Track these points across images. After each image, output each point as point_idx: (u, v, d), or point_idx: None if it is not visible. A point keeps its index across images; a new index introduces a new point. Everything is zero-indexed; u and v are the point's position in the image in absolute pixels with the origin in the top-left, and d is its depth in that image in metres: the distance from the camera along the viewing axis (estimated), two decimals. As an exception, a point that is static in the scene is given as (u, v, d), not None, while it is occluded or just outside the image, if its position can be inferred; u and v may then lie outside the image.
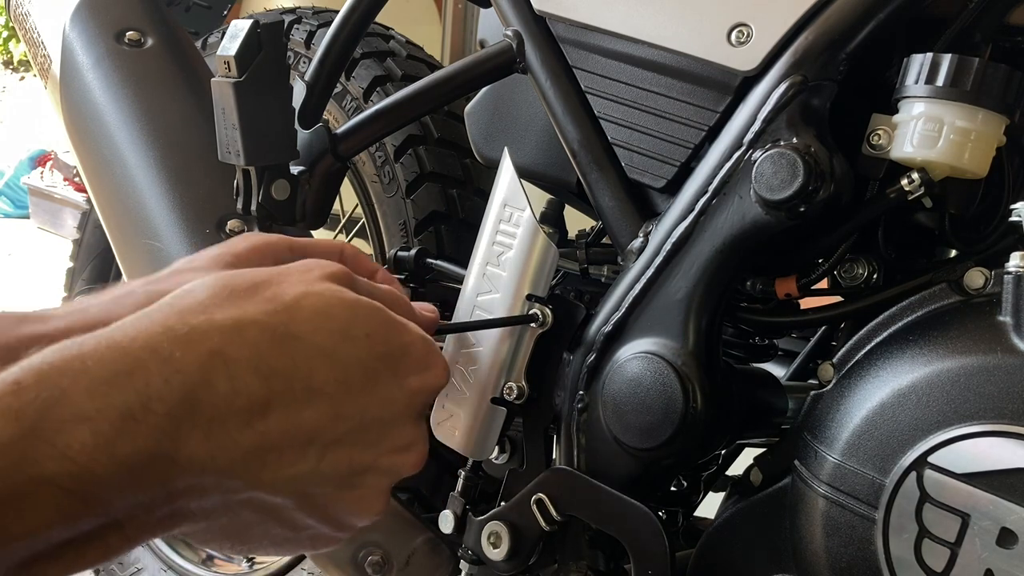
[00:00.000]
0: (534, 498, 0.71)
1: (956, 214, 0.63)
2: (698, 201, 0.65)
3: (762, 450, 0.71)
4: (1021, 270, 0.55)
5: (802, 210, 0.60)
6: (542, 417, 0.74)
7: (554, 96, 0.76)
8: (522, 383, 0.73)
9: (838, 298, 0.70)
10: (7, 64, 7.06)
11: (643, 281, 0.68)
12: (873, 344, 0.63)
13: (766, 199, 0.61)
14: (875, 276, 0.68)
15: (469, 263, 0.76)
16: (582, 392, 0.70)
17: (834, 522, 0.59)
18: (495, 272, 0.73)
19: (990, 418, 0.53)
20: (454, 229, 1.16)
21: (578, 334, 0.72)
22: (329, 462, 0.40)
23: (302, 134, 0.87)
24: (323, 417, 0.40)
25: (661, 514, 0.80)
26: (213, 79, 0.83)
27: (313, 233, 1.09)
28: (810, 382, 0.82)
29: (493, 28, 0.86)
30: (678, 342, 0.66)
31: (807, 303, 0.73)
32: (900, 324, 0.62)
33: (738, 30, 0.65)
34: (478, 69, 0.82)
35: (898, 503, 0.56)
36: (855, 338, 0.64)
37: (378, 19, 0.93)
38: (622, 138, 0.73)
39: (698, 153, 0.68)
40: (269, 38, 0.81)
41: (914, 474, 0.55)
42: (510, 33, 0.78)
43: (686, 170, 0.69)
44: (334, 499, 0.42)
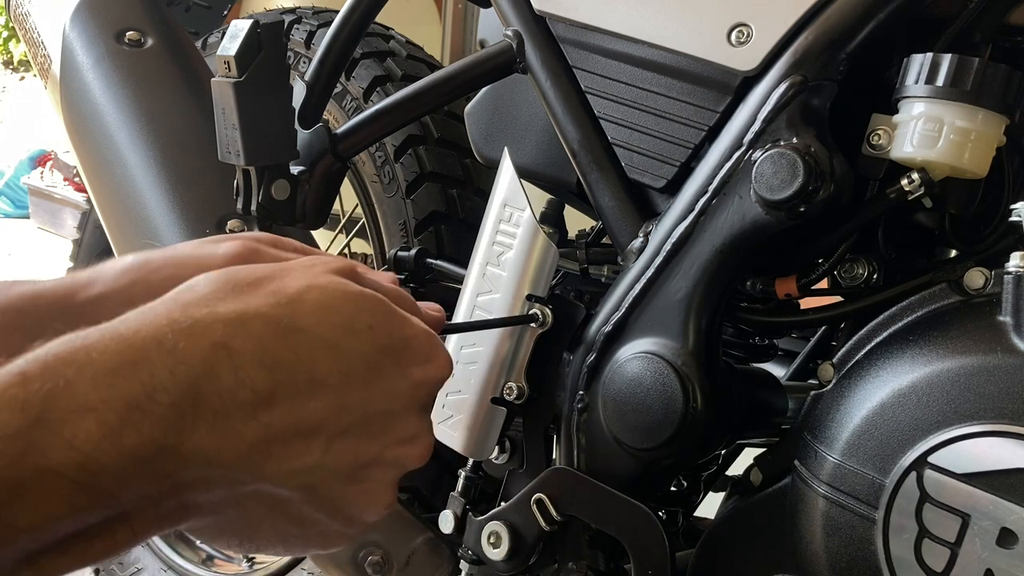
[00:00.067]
0: (534, 498, 0.71)
1: (956, 214, 0.63)
2: (698, 201, 0.65)
3: (762, 450, 0.71)
4: (1021, 270, 0.55)
5: (802, 210, 0.60)
6: (542, 417, 0.74)
7: (554, 96, 0.76)
8: (522, 383, 0.73)
9: (838, 298, 0.70)
10: (7, 64, 7.05)
11: (643, 281, 0.68)
12: (873, 344, 0.63)
13: (766, 199, 0.61)
14: (875, 276, 0.68)
15: (469, 263, 0.76)
16: (582, 392, 0.70)
17: (834, 522, 0.59)
18: (495, 272, 0.73)
19: (990, 418, 0.53)
20: (454, 229, 1.16)
21: (578, 334, 0.72)
22: (334, 454, 0.40)
23: (302, 134, 0.87)
24: (327, 409, 0.40)
25: (661, 514, 0.80)
26: (213, 79, 0.83)
27: (313, 233, 1.09)
28: (810, 382, 0.82)
29: (493, 28, 0.86)
30: (678, 342, 0.66)
31: (807, 303, 0.73)
32: (900, 324, 0.62)
33: (738, 30, 0.65)
34: (478, 69, 0.82)
35: (898, 503, 0.56)
36: (855, 338, 0.64)
37: (378, 19, 0.93)
38: (622, 138, 0.73)
39: (698, 153, 0.68)
40: (269, 38, 0.81)
41: (914, 474, 0.55)
42: (510, 33, 0.78)
43: (686, 170, 0.69)
44: (341, 493, 0.42)
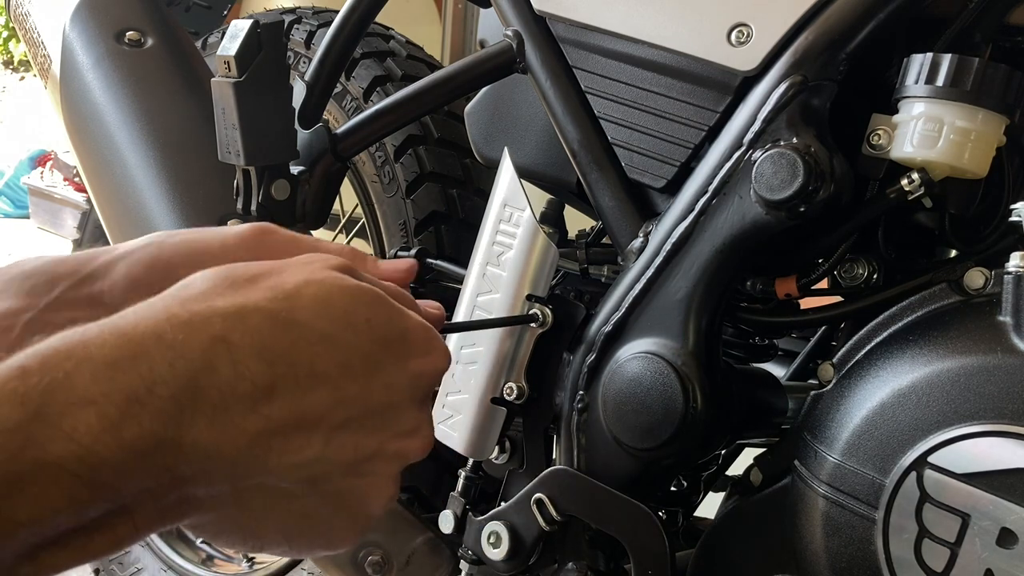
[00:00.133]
0: (534, 498, 0.71)
1: (956, 214, 0.63)
2: (698, 201, 0.65)
3: (762, 450, 0.71)
4: (1021, 270, 0.55)
5: (802, 210, 0.60)
6: (542, 417, 0.74)
7: (554, 96, 0.76)
8: (522, 383, 0.73)
9: (838, 298, 0.70)
10: (7, 64, 7.05)
11: (643, 281, 0.68)
12: (873, 344, 0.63)
13: (766, 199, 0.61)
14: (875, 276, 0.68)
15: (469, 263, 0.76)
16: (582, 392, 0.70)
17: (834, 522, 0.59)
18: (495, 272, 0.73)
19: (990, 418, 0.53)
20: (454, 229, 1.16)
21: (578, 334, 0.72)
22: (335, 447, 0.40)
23: (302, 134, 0.87)
24: (327, 402, 0.40)
25: (661, 514, 0.80)
26: (213, 79, 0.83)
27: (313, 233, 1.09)
28: (810, 382, 0.82)
29: (493, 28, 0.85)
30: (678, 342, 0.66)
31: (807, 303, 0.73)
32: (900, 324, 0.62)
33: (738, 30, 0.65)
34: (478, 69, 0.82)
35: (898, 503, 0.56)
36: (855, 338, 0.64)
37: (378, 19, 0.93)
38: (622, 138, 0.73)
39: (698, 153, 0.68)
40: (269, 38, 0.81)
41: (914, 474, 0.55)
42: (510, 33, 0.78)
43: (686, 170, 0.69)
44: (343, 486, 0.42)
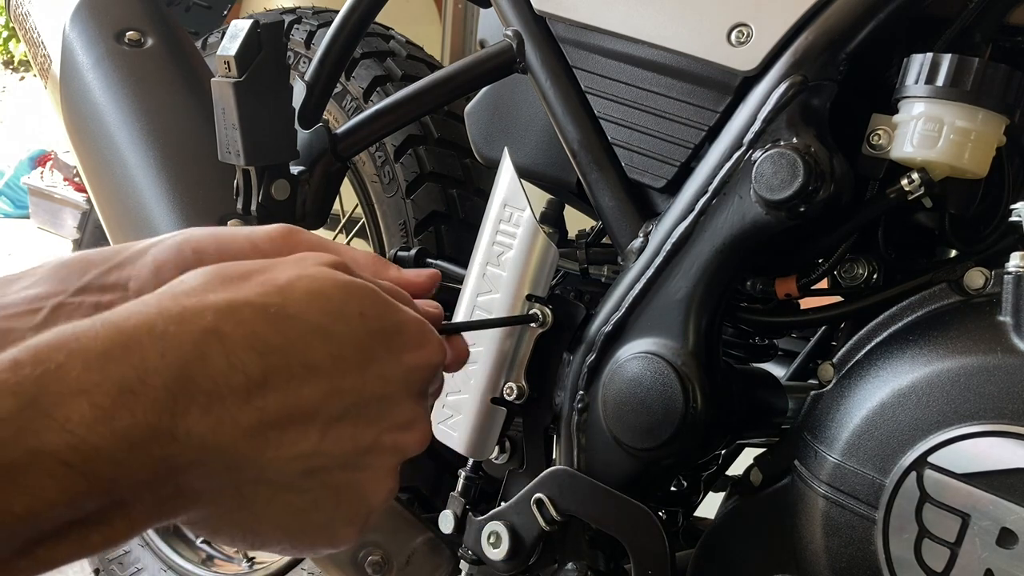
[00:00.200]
0: (534, 498, 0.71)
1: (956, 214, 0.63)
2: (698, 201, 0.65)
3: (762, 450, 0.71)
4: (1021, 270, 0.55)
5: (802, 210, 0.60)
6: (542, 417, 0.74)
7: (554, 96, 0.76)
8: (522, 383, 0.73)
9: (838, 298, 0.70)
10: (7, 64, 7.05)
11: (643, 281, 0.68)
12: (873, 344, 0.63)
13: (766, 199, 0.61)
14: (875, 276, 0.68)
15: (469, 263, 0.76)
16: (582, 392, 0.70)
17: (834, 522, 0.59)
18: (495, 272, 0.73)
19: (990, 418, 0.53)
20: (454, 229, 1.16)
21: (578, 334, 0.72)
22: (331, 440, 0.40)
23: (302, 134, 0.87)
24: (322, 394, 0.40)
25: (661, 514, 0.80)
26: (213, 79, 0.83)
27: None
28: (810, 382, 0.82)
29: (493, 28, 0.86)
30: (678, 342, 0.66)
31: (807, 303, 0.73)
32: (900, 324, 0.62)
33: (738, 30, 0.65)
34: (478, 69, 0.82)
35: (898, 503, 0.56)
36: (855, 338, 0.64)
37: (378, 19, 0.93)
38: (622, 138, 0.73)
39: (698, 153, 0.68)
40: (269, 38, 0.81)
41: (914, 474, 0.55)
42: (510, 33, 0.78)
43: (686, 170, 0.69)
44: (342, 480, 0.42)
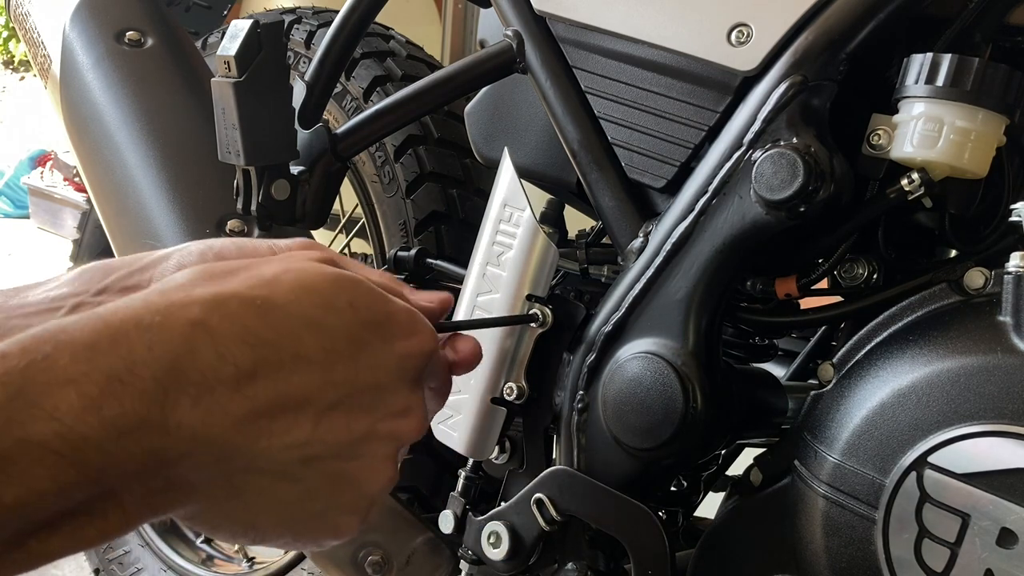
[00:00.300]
0: (534, 498, 0.71)
1: (956, 214, 0.63)
2: (698, 201, 0.65)
3: (762, 450, 0.71)
4: (1021, 270, 0.55)
5: (802, 210, 0.60)
6: (542, 417, 0.74)
7: (554, 96, 0.76)
8: (522, 383, 0.73)
9: (838, 298, 0.70)
10: (7, 64, 7.05)
11: (643, 281, 0.68)
12: (873, 344, 0.63)
13: (766, 199, 0.61)
14: (875, 276, 0.68)
15: (469, 263, 0.76)
16: (582, 392, 0.70)
17: (834, 522, 0.59)
18: (495, 272, 0.73)
19: (990, 418, 0.53)
20: (454, 229, 1.16)
21: (578, 334, 0.72)
22: (325, 428, 0.40)
23: (302, 134, 0.87)
24: (313, 382, 0.40)
25: (661, 514, 0.80)
26: (213, 79, 0.83)
27: (313, 233, 1.09)
28: (810, 382, 0.82)
29: (493, 28, 0.86)
30: (678, 342, 0.66)
31: (807, 303, 0.73)
32: (900, 324, 0.62)
33: (738, 30, 0.65)
34: (478, 69, 0.82)
35: (898, 503, 0.56)
36: (855, 338, 0.64)
37: (378, 19, 0.93)
38: (622, 138, 0.73)
39: (698, 153, 0.68)
40: (269, 38, 0.81)
41: (914, 474, 0.55)
42: (510, 33, 0.78)
43: (686, 170, 0.69)
44: (339, 469, 0.42)
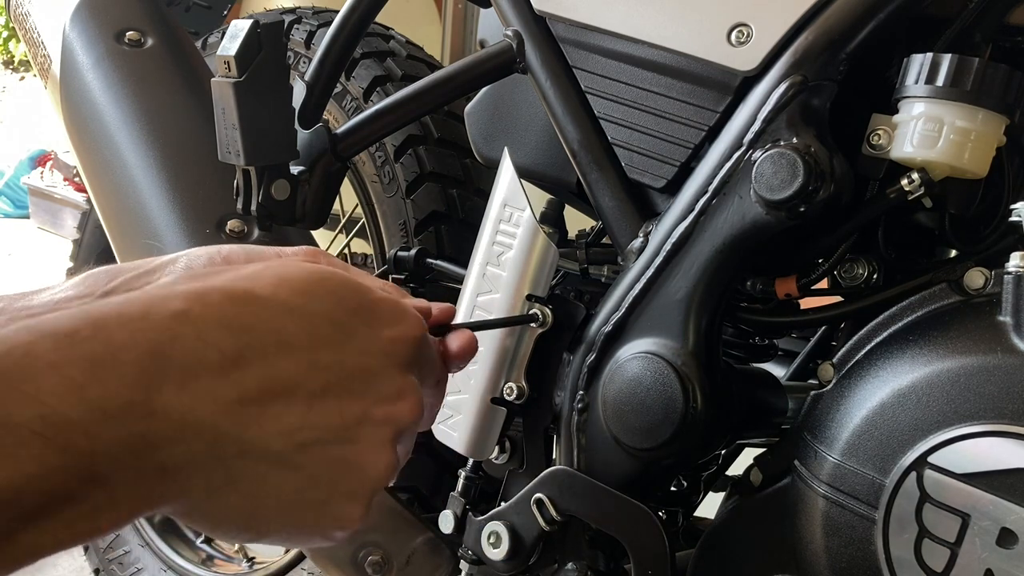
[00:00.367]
0: (534, 498, 0.71)
1: (956, 214, 0.63)
2: (698, 201, 0.65)
3: (762, 450, 0.71)
4: (1021, 270, 0.55)
5: (802, 210, 0.60)
6: (542, 417, 0.74)
7: (554, 96, 0.76)
8: (522, 383, 0.73)
9: (838, 298, 0.70)
10: (7, 64, 7.05)
11: (643, 281, 0.68)
12: (873, 344, 0.63)
13: (766, 199, 0.61)
14: (875, 276, 0.68)
15: (469, 263, 0.76)
16: (582, 392, 0.70)
17: (834, 522, 0.59)
18: (495, 272, 0.73)
19: (990, 418, 0.53)
20: (454, 229, 1.16)
21: (578, 334, 0.72)
22: (317, 413, 0.40)
23: (302, 134, 0.87)
24: (300, 368, 0.40)
25: (661, 514, 0.80)
26: (213, 79, 0.83)
27: (313, 233, 1.09)
28: (810, 382, 0.82)
29: (493, 28, 0.86)
30: (678, 342, 0.66)
31: (807, 303, 0.73)
32: (900, 324, 0.62)
33: (738, 30, 0.65)
34: (478, 69, 0.82)
35: (898, 503, 0.56)
36: (855, 338, 0.64)
37: (378, 19, 0.93)
38: (622, 138, 0.73)
39: (698, 153, 0.68)
40: (269, 38, 0.81)
41: (914, 474, 0.55)
42: (510, 33, 0.78)
43: (686, 170, 0.69)
44: (337, 454, 0.41)
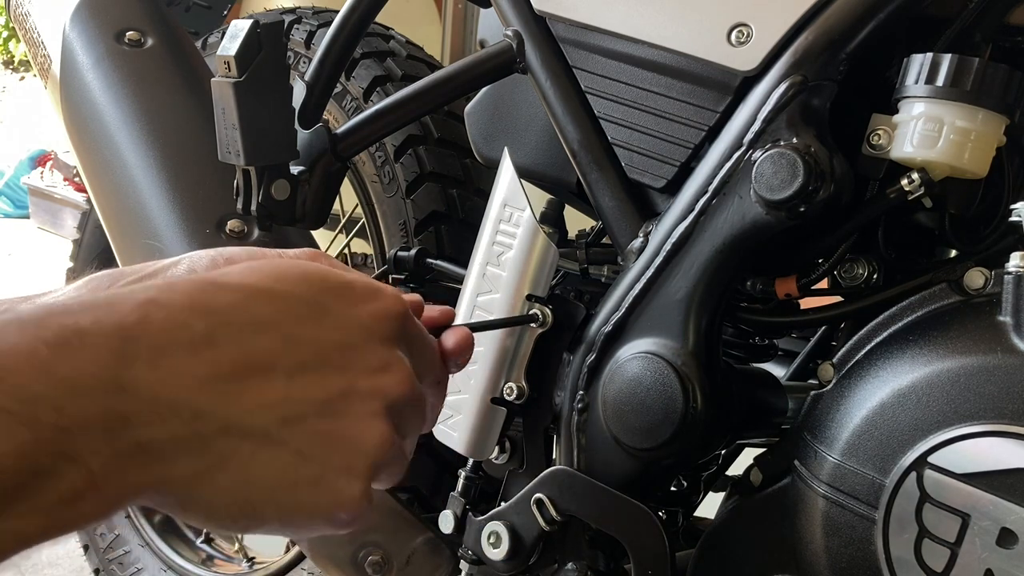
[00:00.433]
0: (534, 498, 0.71)
1: (956, 214, 0.63)
2: (698, 201, 0.65)
3: (762, 450, 0.71)
4: (1021, 270, 0.55)
5: (802, 210, 0.60)
6: (542, 417, 0.74)
7: (554, 96, 0.76)
8: (522, 383, 0.73)
9: (838, 298, 0.70)
10: (7, 64, 7.05)
11: (643, 281, 0.68)
12: (873, 344, 0.63)
13: (766, 199, 0.61)
14: (875, 276, 0.68)
15: (469, 263, 0.76)
16: (582, 392, 0.70)
17: (834, 522, 0.59)
18: (495, 272, 0.73)
19: (990, 418, 0.53)
20: (454, 229, 1.16)
21: (578, 334, 0.72)
22: (299, 387, 0.40)
23: (302, 134, 0.87)
24: (275, 345, 0.40)
25: (661, 514, 0.80)
26: (213, 79, 0.83)
27: (313, 233, 1.09)
28: (810, 382, 0.82)
29: (493, 28, 0.85)
30: (678, 342, 0.66)
31: (807, 303, 0.73)
32: (900, 324, 0.62)
33: (738, 30, 0.65)
34: (478, 69, 0.82)
35: (898, 503, 0.56)
36: (855, 338, 0.64)
37: (378, 19, 0.93)
38: (622, 138, 0.73)
39: (698, 153, 0.68)
40: (269, 38, 0.81)
41: (914, 474, 0.55)
42: (510, 33, 0.78)
43: (686, 170, 0.69)
44: (326, 429, 0.41)
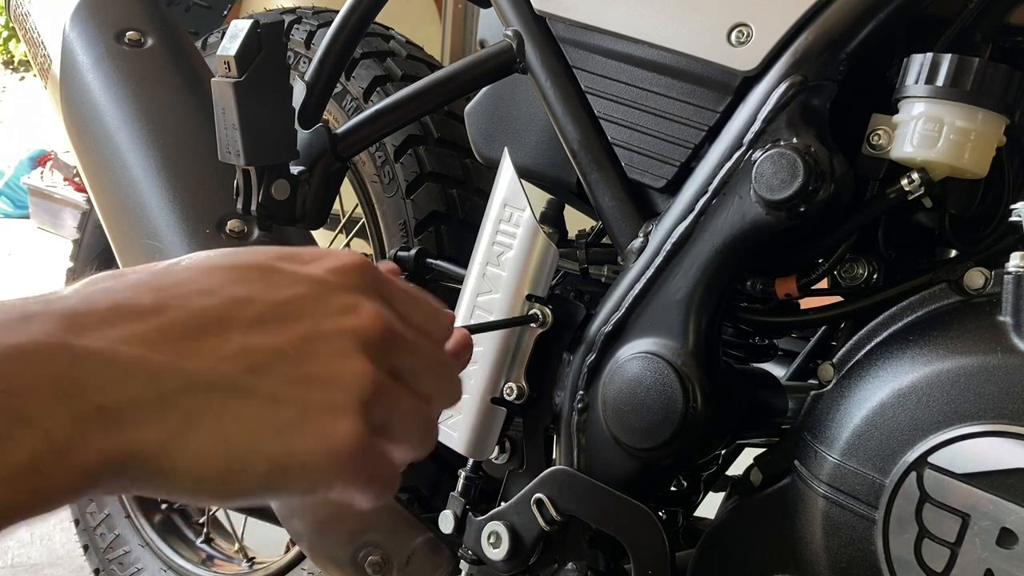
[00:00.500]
0: (534, 498, 0.71)
1: (956, 214, 0.63)
2: (698, 201, 0.65)
3: (762, 450, 0.71)
4: (1021, 270, 0.55)
5: (802, 210, 0.60)
6: (542, 417, 0.74)
7: (554, 96, 0.76)
8: (522, 383, 0.73)
9: (838, 298, 0.70)
10: (7, 64, 7.06)
11: (643, 281, 0.68)
12: (873, 344, 0.63)
13: (766, 199, 0.61)
14: (875, 276, 0.68)
15: (469, 263, 0.76)
16: (582, 392, 0.70)
17: (834, 522, 0.59)
18: (495, 272, 0.73)
19: (990, 418, 0.53)
20: (454, 229, 1.16)
21: (578, 334, 0.72)
22: (258, 337, 0.40)
23: (302, 134, 0.87)
24: (228, 303, 0.40)
25: (661, 514, 0.80)
26: (213, 79, 0.83)
27: (313, 233, 1.09)
28: (810, 382, 0.82)
29: (493, 28, 0.85)
30: (678, 342, 0.66)
31: (807, 303, 0.73)
32: (900, 324, 0.62)
33: (738, 30, 0.65)
34: (478, 69, 0.82)
35: (898, 503, 0.56)
36: (855, 338, 0.64)
37: (378, 19, 0.93)
38: (622, 138, 0.73)
39: (698, 153, 0.68)
40: (269, 38, 0.81)
41: (914, 474, 0.55)
42: (510, 33, 0.78)
43: (686, 170, 0.69)
44: (297, 372, 0.40)
